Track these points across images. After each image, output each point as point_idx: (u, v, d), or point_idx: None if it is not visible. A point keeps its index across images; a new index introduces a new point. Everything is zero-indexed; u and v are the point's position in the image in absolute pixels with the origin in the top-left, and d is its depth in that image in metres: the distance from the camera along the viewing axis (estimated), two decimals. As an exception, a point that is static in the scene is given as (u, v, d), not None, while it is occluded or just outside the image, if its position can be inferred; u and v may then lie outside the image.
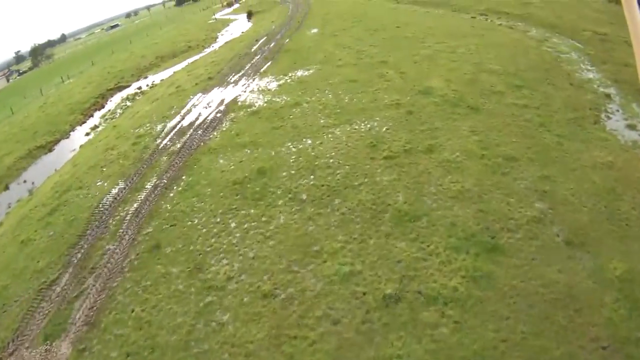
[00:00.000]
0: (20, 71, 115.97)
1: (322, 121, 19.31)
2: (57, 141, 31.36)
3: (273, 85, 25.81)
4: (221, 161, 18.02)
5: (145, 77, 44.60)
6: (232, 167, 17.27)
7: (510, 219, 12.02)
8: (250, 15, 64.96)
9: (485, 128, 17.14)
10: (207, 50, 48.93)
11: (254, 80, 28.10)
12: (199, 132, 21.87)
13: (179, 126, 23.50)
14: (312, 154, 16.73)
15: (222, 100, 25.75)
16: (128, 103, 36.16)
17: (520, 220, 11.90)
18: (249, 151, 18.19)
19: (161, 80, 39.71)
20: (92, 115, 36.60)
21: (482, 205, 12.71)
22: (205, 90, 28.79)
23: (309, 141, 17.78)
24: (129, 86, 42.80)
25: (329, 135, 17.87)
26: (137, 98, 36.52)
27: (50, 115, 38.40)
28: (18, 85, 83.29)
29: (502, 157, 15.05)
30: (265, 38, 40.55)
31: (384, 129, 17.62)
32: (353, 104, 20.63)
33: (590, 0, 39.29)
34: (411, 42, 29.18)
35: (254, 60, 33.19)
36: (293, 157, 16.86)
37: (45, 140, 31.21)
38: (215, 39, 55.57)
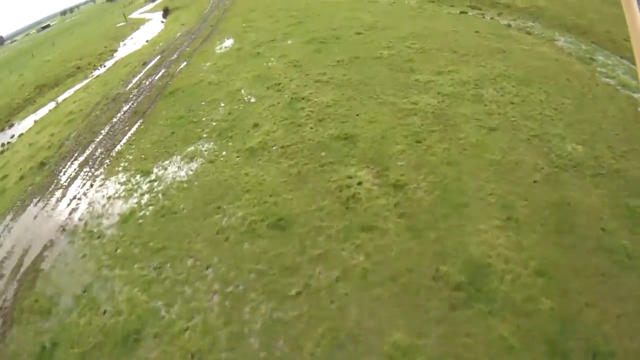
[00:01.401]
0: None
1: None
2: None
3: (114, 212, 10.39)
4: None
5: (11, 126, 27.18)
6: None
7: None
8: (166, 12, 46.58)
9: None
10: (95, 74, 31.57)
11: (95, 180, 12.51)
12: None
13: None
14: None
15: (21, 261, 10.29)
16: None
17: None
18: None
19: (20, 136, 22.93)
20: None
21: None
22: (22, 206, 13.00)
23: None
24: (-20, 143, 25.49)
25: None
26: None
27: None
28: None
29: None
30: (159, 57, 24.01)
31: None
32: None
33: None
34: (391, 71, 14.04)
35: (117, 117, 17.07)
36: None
37: None
38: (112, 52, 37.55)
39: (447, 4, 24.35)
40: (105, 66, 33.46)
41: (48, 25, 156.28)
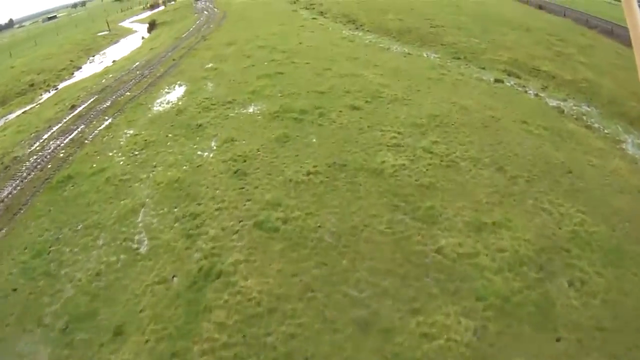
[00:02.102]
0: None
1: None
2: None
3: None
4: None
5: None
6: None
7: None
8: (152, 27, 41.26)
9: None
10: (43, 97, 26.08)
11: None
12: None
13: None
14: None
15: None
16: None
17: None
18: None
19: None
20: None
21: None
22: None
23: None
24: None
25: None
26: None
27: None
28: None
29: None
30: (94, 99, 18.20)
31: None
32: None
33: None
34: (395, 213, 7.99)
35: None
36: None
37: None
38: (74, 70, 32.03)
39: (476, 65, 18.55)
40: (57, 88, 27.99)
41: (55, 17, 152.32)
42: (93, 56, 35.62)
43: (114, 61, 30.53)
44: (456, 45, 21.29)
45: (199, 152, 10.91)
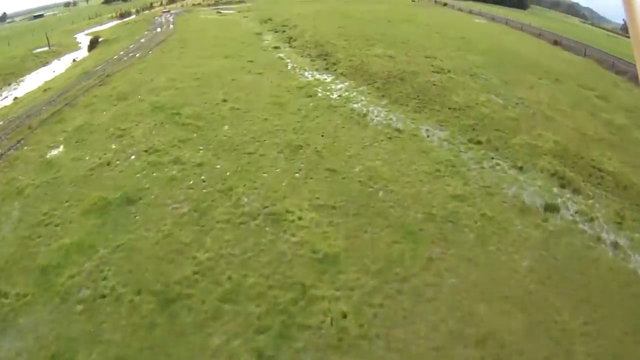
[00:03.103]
0: None
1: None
2: None
3: None
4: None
5: None
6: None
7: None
8: (93, 45, 33.36)
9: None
10: None
11: None
12: None
13: None
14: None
15: None
16: None
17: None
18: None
19: None
20: None
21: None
22: None
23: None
24: None
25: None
26: None
27: None
28: None
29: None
30: None
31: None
32: None
33: None
34: None
35: None
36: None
37: None
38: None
39: (508, 158, 10.70)
40: None
41: (41, 15, 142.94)
42: (9, 84, 27.82)
43: (15, 99, 22.90)
44: (471, 110, 13.45)
45: None
